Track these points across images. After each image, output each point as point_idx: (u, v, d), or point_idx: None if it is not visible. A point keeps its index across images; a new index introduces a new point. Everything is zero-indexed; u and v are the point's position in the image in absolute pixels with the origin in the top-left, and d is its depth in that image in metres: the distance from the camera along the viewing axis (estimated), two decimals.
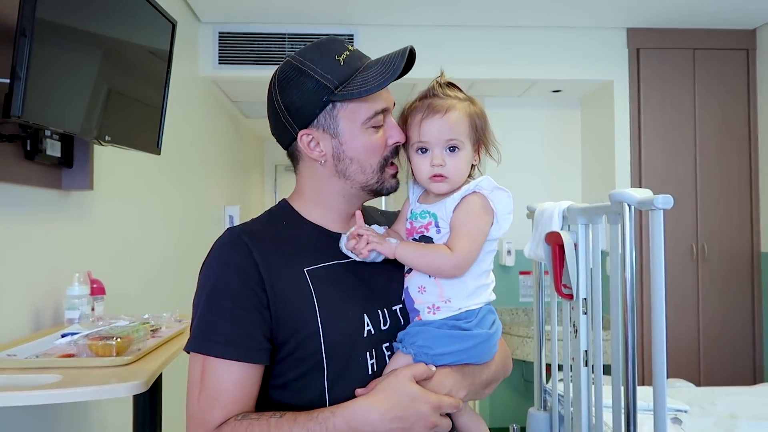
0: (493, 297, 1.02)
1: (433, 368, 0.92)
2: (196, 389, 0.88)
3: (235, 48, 3.30)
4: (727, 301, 3.48)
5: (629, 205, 1.44)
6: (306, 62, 0.94)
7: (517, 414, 2.28)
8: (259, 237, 0.94)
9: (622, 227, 1.46)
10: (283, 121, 0.97)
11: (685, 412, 2.07)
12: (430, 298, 0.97)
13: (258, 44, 3.30)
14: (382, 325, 0.97)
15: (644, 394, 1.91)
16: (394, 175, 1.01)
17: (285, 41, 3.30)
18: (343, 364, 0.92)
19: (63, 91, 1.48)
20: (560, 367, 2.00)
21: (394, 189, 1.02)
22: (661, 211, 1.35)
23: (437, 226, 0.97)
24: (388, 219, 1.14)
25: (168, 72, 2.03)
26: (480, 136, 0.99)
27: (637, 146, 3.49)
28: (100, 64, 1.64)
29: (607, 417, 1.75)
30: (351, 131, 0.95)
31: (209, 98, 3.55)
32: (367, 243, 0.95)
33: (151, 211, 2.55)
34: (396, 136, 0.98)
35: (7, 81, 1.29)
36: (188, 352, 0.92)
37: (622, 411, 1.49)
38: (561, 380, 1.98)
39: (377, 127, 0.97)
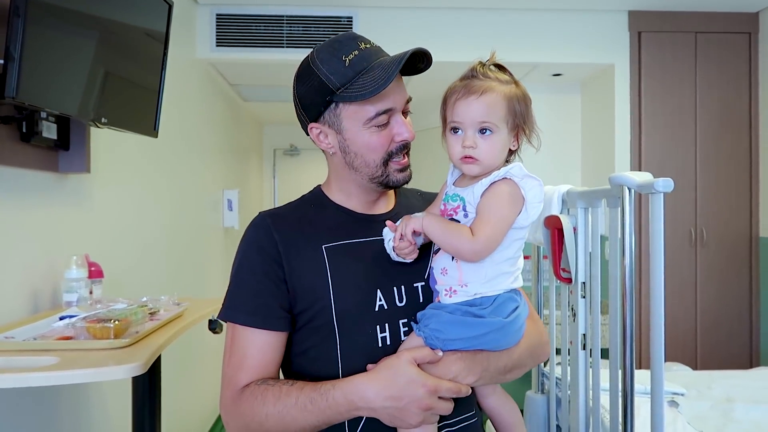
0: (519, 283, 1.01)
1: (440, 353, 0.93)
2: (228, 353, 1.00)
3: (233, 30, 3.26)
4: (725, 286, 3.49)
5: (629, 189, 1.43)
6: (317, 59, 0.98)
7: (515, 396, 2.29)
8: (282, 218, 1.04)
9: (621, 211, 1.46)
10: (299, 112, 1.04)
11: (682, 395, 2.09)
12: (450, 281, 0.97)
13: (256, 26, 3.27)
14: (397, 301, 1.00)
15: (641, 378, 1.93)
16: (402, 170, 1.03)
17: (283, 23, 3.27)
18: (352, 335, 0.98)
19: (58, 72, 1.47)
20: (558, 351, 2.01)
21: (403, 182, 1.05)
22: (662, 194, 1.34)
23: (465, 210, 0.97)
24: (426, 200, 1.15)
25: (165, 54, 2.01)
26: (519, 122, 0.98)
27: (637, 130, 3.48)
28: (95, 45, 1.62)
29: (605, 400, 1.76)
30: (353, 130, 1.00)
31: (207, 81, 3.52)
32: (401, 238, 0.96)
33: (149, 194, 2.54)
34: (404, 134, 1.01)
35: (1, 62, 1.28)
36: (220, 320, 1.03)
37: (620, 394, 1.49)
38: (558, 364, 1.99)
39: (381, 125, 0.99)
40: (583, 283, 1.74)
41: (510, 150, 1.01)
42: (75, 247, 1.81)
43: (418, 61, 0.99)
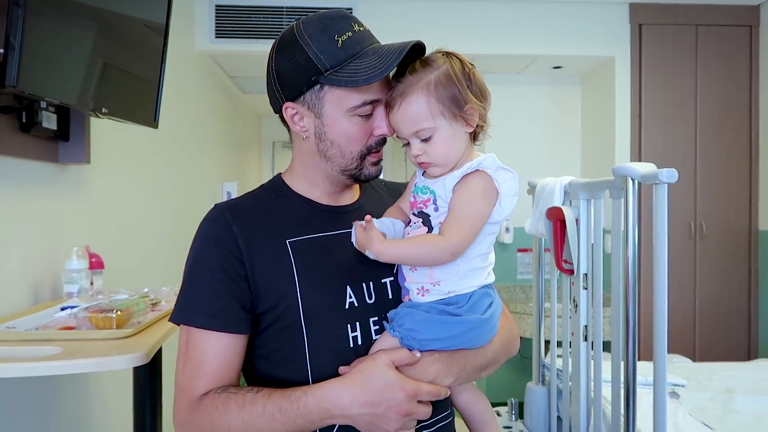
0: (491, 279, 0.97)
1: (418, 354, 0.89)
2: (182, 359, 0.91)
3: (232, 21, 3.24)
4: (724, 279, 3.50)
5: (633, 180, 1.43)
6: (305, 34, 0.89)
7: (515, 388, 2.30)
8: (242, 210, 0.95)
9: (625, 202, 1.45)
10: (273, 87, 0.95)
11: (683, 386, 2.09)
12: (420, 278, 0.92)
13: (255, 17, 3.25)
14: (367, 298, 0.95)
15: (642, 369, 1.93)
16: (376, 163, 0.98)
17: (283, 14, 3.25)
18: (322, 336, 0.91)
19: (58, 62, 1.46)
20: (559, 343, 2.01)
21: (375, 176, 0.99)
22: (666, 185, 1.34)
23: (435, 203, 0.92)
24: (390, 190, 1.11)
25: (165, 45, 2.00)
26: (458, 105, 0.89)
27: (638, 123, 3.47)
28: (95, 36, 1.61)
29: (606, 391, 1.76)
30: (335, 116, 0.92)
31: (206, 73, 3.50)
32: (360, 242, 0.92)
33: (149, 185, 2.53)
34: (383, 128, 0.94)
35: (1, 51, 1.27)
36: (173, 323, 0.94)
37: (622, 385, 1.50)
38: (559, 356, 1.99)
39: (364, 116, 0.92)
40: (585, 274, 1.74)
41: (469, 133, 0.92)
42: (75, 238, 1.80)
43: (409, 55, 0.90)
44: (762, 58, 3.44)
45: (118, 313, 1.31)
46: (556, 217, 1.78)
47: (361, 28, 0.92)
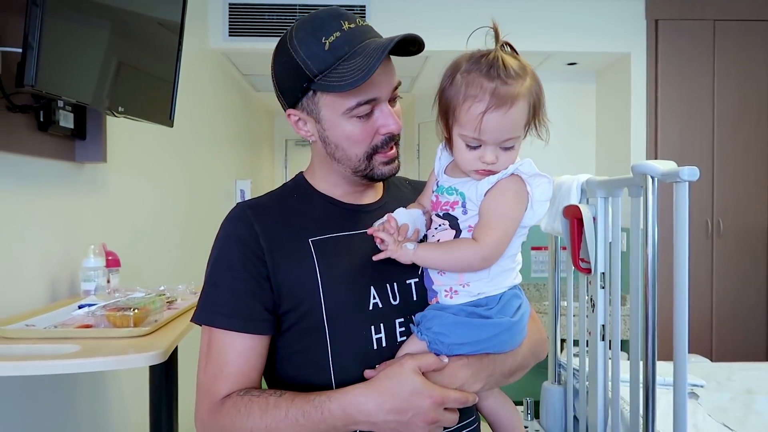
0: (519, 279, 0.95)
1: (446, 359, 0.87)
2: (204, 360, 0.90)
3: (246, 19, 3.25)
4: (741, 277, 3.45)
5: (653, 178, 1.41)
6: (294, 39, 0.88)
7: (531, 388, 2.28)
8: (264, 209, 0.94)
9: (645, 200, 1.43)
10: (276, 94, 0.96)
11: (702, 387, 2.06)
12: (449, 281, 0.90)
13: (269, 15, 3.25)
14: (391, 299, 0.93)
15: (661, 369, 1.90)
16: (388, 162, 0.94)
17: (296, 12, 3.25)
18: (345, 337, 0.89)
19: (75, 61, 1.46)
20: (575, 342, 1.99)
21: (389, 175, 0.96)
22: (687, 183, 1.32)
23: (464, 206, 0.89)
24: (415, 189, 1.08)
25: (180, 44, 2.00)
26: (534, 118, 0.88)
27: (654, 120, 3.43)
28: (111, 35, 1.61)
29: (624, 392, 1.74)
30: (333, 119, 0.90)
31: (220, 71, 3.51)
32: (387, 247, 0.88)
33: (164, 183, 2.54)
34: (390, 125, 0.91)
35: (20, 50, 1.28)
36: (195, 324, 0.93)
37: (641, 386, 1.48)
38: (576, 355, 1.98)
39: (364, 116, 0.90)
40: (603, 273, 1.72)
41: None
42: (92, 236, 1.81)
43: (409, 44, 0.88)
44: None
45: (135, 311, 1.32)
46: (573, 216, 1.76)
47: (352, 25, 0.88)
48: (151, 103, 1.91)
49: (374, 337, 0.90)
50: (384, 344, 0.90)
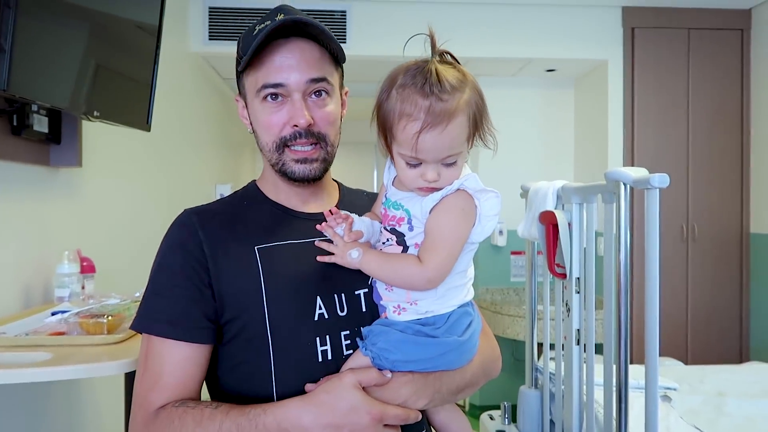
0: (471, 295, 0.92)
1: (389, 375, 0.84)
2: (141, 370, 0.87)
3: (226, 23, 3.24)
4: (716, 282, 3.51)
5: (625, 184, 1.43)
6: (244, 33, 0.93)
7: (508, 392, 2.30)
8: (211, 215, 0.93)
9: (617, 206, 1.46)
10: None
11: (675, 389, 2.10)
12: (397, 297, 0.87)
13: (249, 20, 3.24)
14: (338, 310, 0.90)
15: (634, 372, 1.94)
16: (301, 161, 0.91)
17: None
18: (289, 348, 0.87)
19: (50, 64, 1.45)
20: (552, 346, 2.01)
21: (303, 177, 0.92)
22: (657, 190, 1.34)
23: (410, 223, 0.86)
24: (372, 201, 1.05)
25: (158, 47, 1.99)
26: (476, 130, 0.84)
27: (630, 126, 3.49)
28: (87, 38, 1.60)
29: (598, 395, 1.76)
30: (251, 102, 0.94)
31: (200, 75, 3.49)
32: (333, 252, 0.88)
33: (141, 189, 2.51)
34: (298, 118, 0.89)
35: None
36: (133, 331, 0.92)
37: (614, 389, 1.50)
38: (552, 359, 2.00)
39: (276, 103, 0.90)
40: (578, 278, 1.74)
41: None
42: (67, 241, 1.79)
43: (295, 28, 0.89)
44: (753, 61, 3.46)
45: (109, 318, 1.31)
46: (548, 221, 1.78)
47: (283, 17, 0.89)
48: (128, 107, 1.89)
49: (319, 349, 0.87)
50: (330, 357, 0.88)
